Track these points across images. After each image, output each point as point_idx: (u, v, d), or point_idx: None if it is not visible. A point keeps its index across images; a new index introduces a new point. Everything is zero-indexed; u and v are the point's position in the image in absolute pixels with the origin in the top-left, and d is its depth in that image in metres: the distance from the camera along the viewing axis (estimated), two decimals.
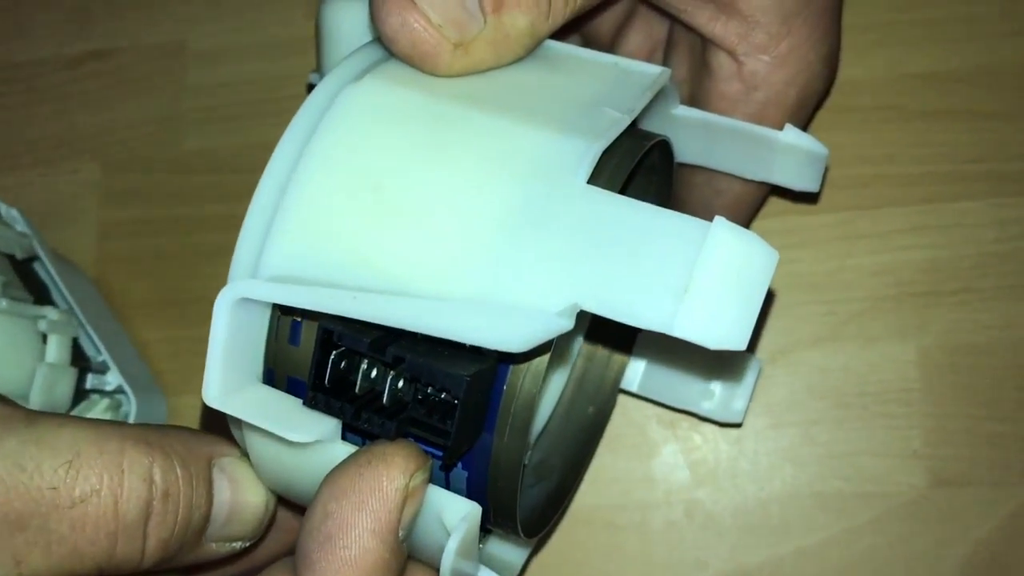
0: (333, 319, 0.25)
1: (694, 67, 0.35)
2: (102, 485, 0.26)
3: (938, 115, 0.42)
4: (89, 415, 0.42)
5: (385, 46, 0.28)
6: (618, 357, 0.40)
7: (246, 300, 0.26)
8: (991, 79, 0.41)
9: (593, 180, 0.26)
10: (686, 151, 0.35)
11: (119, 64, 0.49)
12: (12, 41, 0.50)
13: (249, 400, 0.27)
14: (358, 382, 0.26)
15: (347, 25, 0.34)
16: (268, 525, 0.30)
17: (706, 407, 0.39)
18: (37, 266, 0.43)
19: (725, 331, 0.23)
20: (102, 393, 0.43)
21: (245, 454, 0.29)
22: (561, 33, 0.30)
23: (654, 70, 0.30)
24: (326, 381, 0.26)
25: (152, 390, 0.45)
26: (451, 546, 0.26)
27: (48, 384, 0.39)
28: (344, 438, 0.27)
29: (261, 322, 0.27)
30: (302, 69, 0.46)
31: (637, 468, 0.42)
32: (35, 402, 0.39)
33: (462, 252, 0.25)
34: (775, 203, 0.42)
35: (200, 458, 0.28)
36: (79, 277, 0.45)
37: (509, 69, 0.29)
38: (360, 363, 0.26)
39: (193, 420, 0.45)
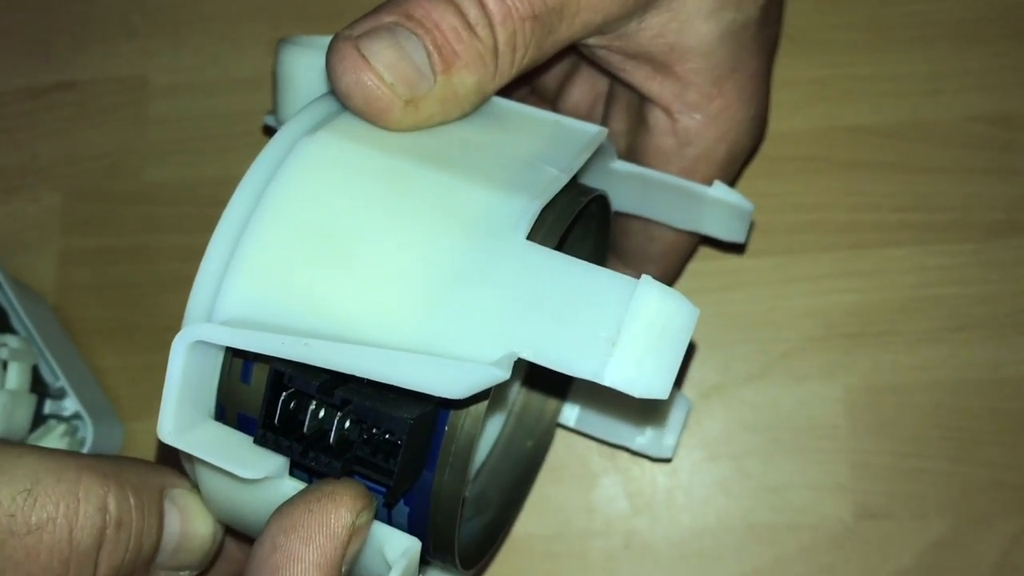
0: (284, 362, 0.26)
1: (632, 121, 0.37)
2: (58, 513, 0.27)
3: (866, 166, 0.43)
4: (46, 440, 0.42)
5: (339, 100, 0.30)
6: (555, 397, 0.41)
7: (201, 342, 0.27)
8: (915, 134, 0.43)
9: (532, 235, 0.27)
10: (623, 201, 0.36)
11: (82, 96, 0.49)
12: None
13: (202, 437, 0.28)
14: (306, 422, 0.27)
15: (303, 72, 0.35)
16: (216, 554, 0.31)
17: (639, 442, 0.41)
18: None
19: (649, 381, 0.25)
20: (59, 418, 0.43)
21: (196, 486, 0.30)
22: (509, 86, 0.32)
23: (592, 129, 0.32)
24: (276, 420, 0.27)
25: (109, 416, 0.45)
26: None
27: (7, 411, 0.40)
28: (291, 474, 0.28)
29: (215, 362, 0.28)
30: (260, 105, 0.47)
31: (578, 498, 0.43)
32: None
33: (408, 303, 0.26)
34: (712, 245, 0.44)
35: (153, 489, 0.29)
36: (38, 304, 0.46)
37: (457, 124, 0.31)
38: (309, 404, 0.27)
39: (149, 445, 0.46)
